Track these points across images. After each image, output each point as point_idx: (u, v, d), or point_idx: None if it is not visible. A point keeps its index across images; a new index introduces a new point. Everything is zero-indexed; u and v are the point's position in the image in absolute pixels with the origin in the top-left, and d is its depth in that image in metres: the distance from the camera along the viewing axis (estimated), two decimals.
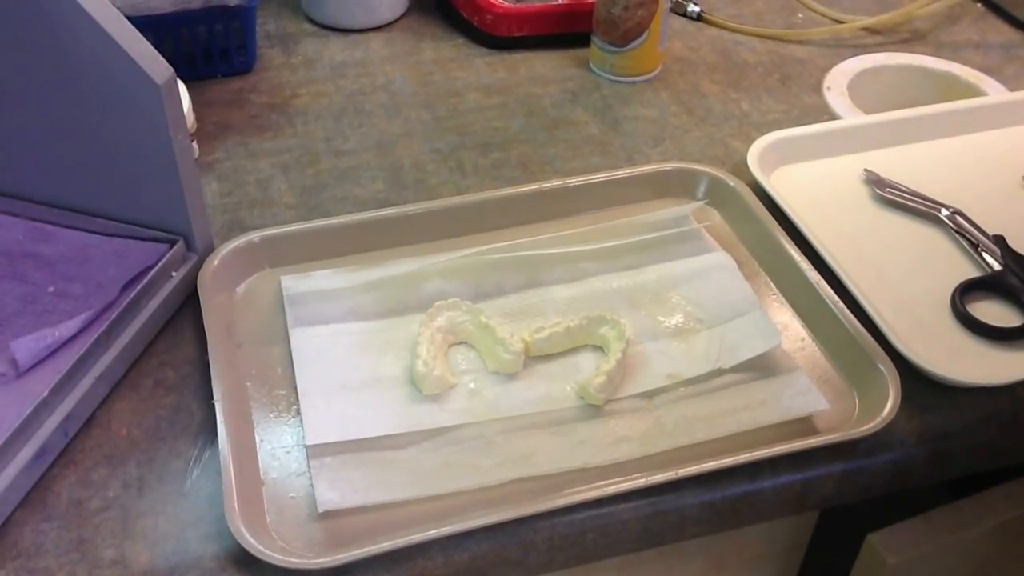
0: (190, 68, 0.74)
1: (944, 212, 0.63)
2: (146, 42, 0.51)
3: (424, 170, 0.68)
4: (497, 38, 0.80)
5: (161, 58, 0.51)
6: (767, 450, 0.49)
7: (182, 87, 0.68)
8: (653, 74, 0.78)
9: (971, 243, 0.61)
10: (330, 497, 0.46)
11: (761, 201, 0.62)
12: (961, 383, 0.53)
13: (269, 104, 0.73)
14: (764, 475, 0.50)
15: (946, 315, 0.57)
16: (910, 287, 0.59)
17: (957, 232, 0.62)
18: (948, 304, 0.58)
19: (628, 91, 0.76)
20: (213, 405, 0.50)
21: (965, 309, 0.57)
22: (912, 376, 0.53)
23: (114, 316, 0.52)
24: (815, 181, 0.67)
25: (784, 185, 0.65)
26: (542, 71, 0.78)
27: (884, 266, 0.60)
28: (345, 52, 0.79)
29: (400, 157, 0.69)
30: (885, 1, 0.88)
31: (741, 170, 0.67)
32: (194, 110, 0.70)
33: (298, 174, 0.67)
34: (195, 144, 0.68)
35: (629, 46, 0.75)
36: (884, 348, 0.53)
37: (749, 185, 0.64)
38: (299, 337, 0.54)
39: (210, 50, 0.74)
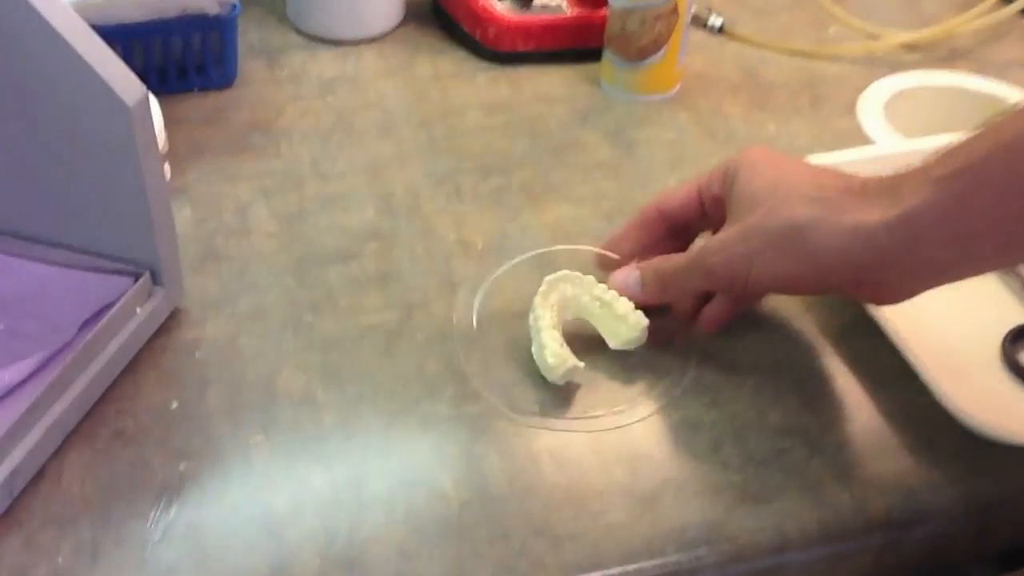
0: (162, 82, 0.73)
1: None
2: (116, 58, 0.49)
3: (418, 196, 0.66)
4: (499, 53, 0.78)
5: (133, 76, 0.49)
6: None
7: (154, 104, 0.67)
8: (671, 93, 0.76)
9: (1023, 283, 0.59)
10: None
11: None
12: (1012, 442, 0.51)
13: (250, 122, 0.72)
14: (792, 547, 0.47)
15: (995, 364, 0.55)
16: (953, 332, 0.57)
17: (1007, 271, 0.60)
18: (997, 352, 0.56)
19: (643, 111, 0.75)
20: (176, 460, 0.48)
21: (1016, 358, 0.55)
22: (957, 434, 0.51)
23: (70, 359, 0.51)
24: None
25: None
26: (548, 89, 0.77)
27: (924, 307, 0.57)
28: (335, 66, 0.78)
29: (392, 182, 0.67)
30: (925, 14, 0.87)
31: None
32: (166, 128, 0.68)
33: (280, 200, 0.65)
34: (166, 166, 0.67)
35: (645, 62, 0.74)
36: (924, 401, 0.51)
37: None
38: None
39: (185, 63, 0.73)
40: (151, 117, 0.50)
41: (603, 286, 0.56)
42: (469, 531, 0.47)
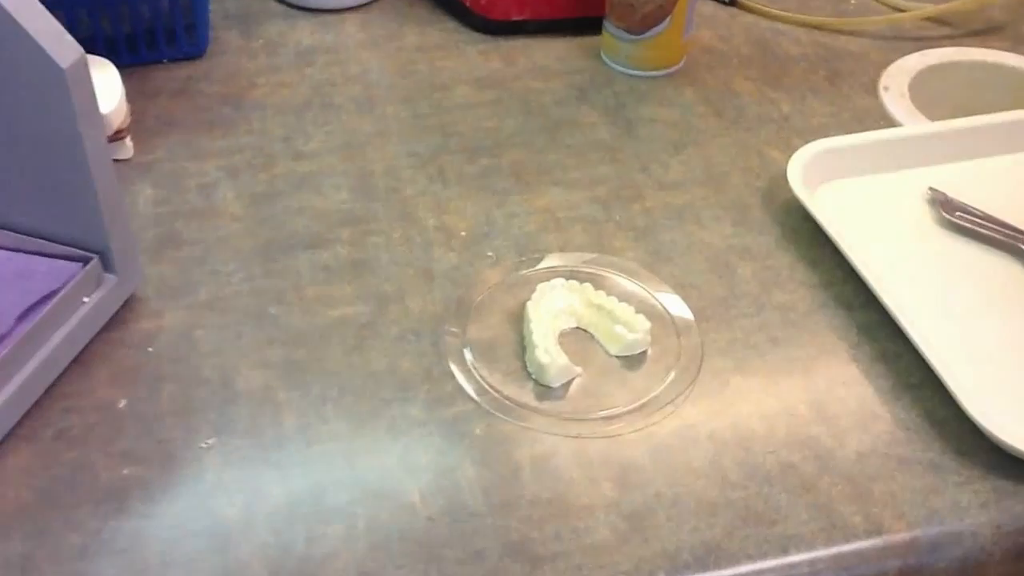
0: (132, 52, 0.69)
1: None
2: (50, 18, 0.45)
3: (398, 177, 0.62)
4: (492, 22, 0.74)
5: (68, 37, 0.46)
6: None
7: (114, 73, 0.63)
8: (676, 68, 0.72)
9: None
10: None
11: (803, 223, 0.56)
12: None
13: (221, 95, 0.68)
14: (798, 574, 0.43)
15: None
16: (983, 335, 0.53)
17: None
18: None
19: (646, 87, 0.70)
20: (121, 464, 0.44)
21: None
22: (987, 449, 0.47)
23: (7, 351, 0.47)
24: (869, 201, 0.61)
25: (831, 205, 0.59)
26: (544, 62, 0.72)
27: (951, 306, 0.55)
28: (314, 36, 0.74)
29: (370, 161, 0.63)
30: None
31: (779, 185, 0.60)
32: (133, 101, 0.65)
33: (248, 179, 0.62)
34: (129, 142, 0.63)
35: (648, 33, 0.69)
36: (949, 413, 0.47)
37: (788, 204, 0.58)
38: None
39: (155, 31, 0.69)
40: (90, 81, 0.46)
41: (602, 292, 0.53)
42: (437, 549, 0.43)
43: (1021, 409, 0.49)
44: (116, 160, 0.62)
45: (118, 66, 0.63)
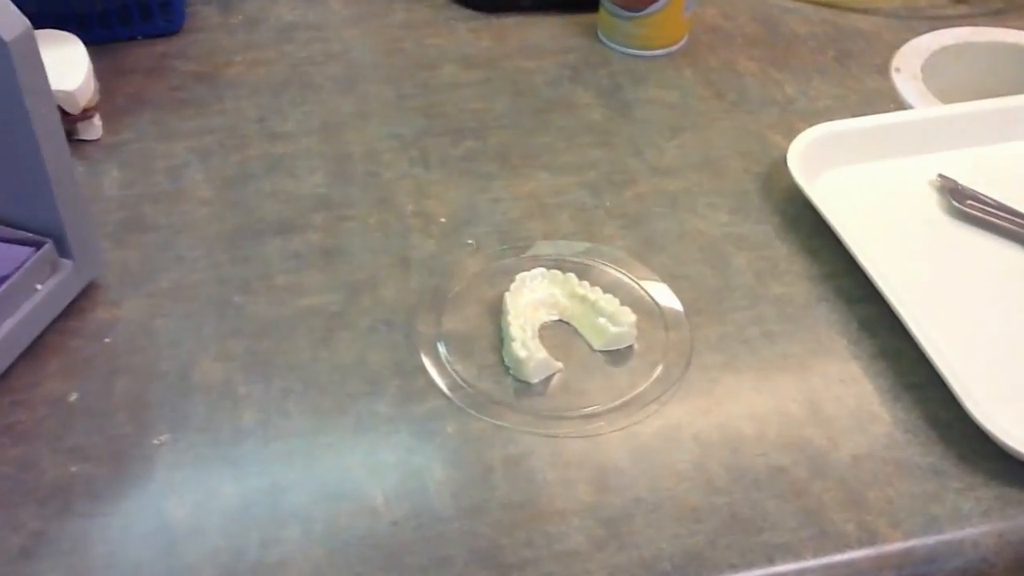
0: (105, 28, 0.67)
1: None
2: None
3: (378, 160, 0.60)
4: None
5: (14, 8, 0.44)
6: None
7: (81, 50, 0.61)
8: (676, 47, 0.69)
9: None
10: None
11: (804, 212, 0.53)
12: None
13: (195, 73, 0.66)
14: None
15: None
16: (992, 332, 0.51)
17: None
18: None
19: (644, 68, 0.68)
20: (69, 461, 0.42)
21: None
22: (991, 454, 0.45)
23: None
24: (874, 189, 0.58)
25: (834, 193, 0.57)
26: (538, 40, 0.70)
27: (959, 302, 0.52)
28: (296, 11, 0.72)
29: (349, 143, 0.61)
30: None
31: (779, 172, 0.58)
32: (103, 79, 0.63)
33: (220, 161, 0.59)
34: (97, 121, 0.61)
35: (647, 11, 0.67)
36: (952, 415, 0.45)
37: (789, 192, 0.55)
38: None
39: (129, 6, 0.67)
40: (38, 56, 0.44)
41: (585, 283, 0.51)
42: (399, 556, 0.41)
43: None
44: (84, 140, 0.61)
45: (91, 43, 0.61)
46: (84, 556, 0.41)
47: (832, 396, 0.48)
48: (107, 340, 0.50)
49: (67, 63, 0.60)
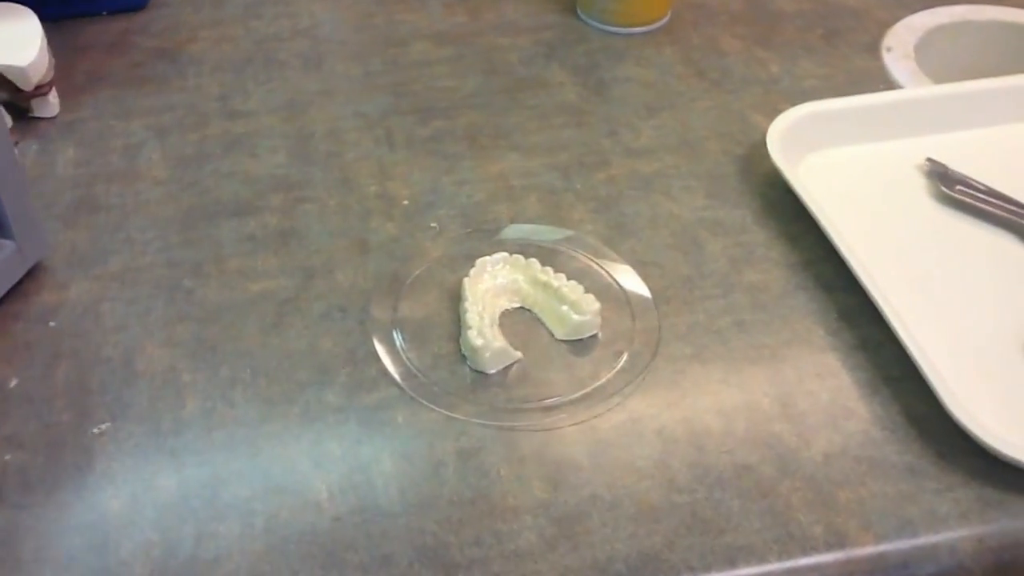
0: (66, 3, 0.66)
1: None
2: None
3: (340, 140, 0.58)
4: None
5: None
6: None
7: (35, 24, 0.59)
8: (658, 24, 0.67)
9: None
10: None
11: (784, 196, 0.51)
12: None
13: (158, 50, 0.64)
14: None
15: (1022, 366, 0.46)
16: (977, 324, 0.49)
17: None
18: None
19: (622, 45, 0.66)
20: (3, 450, 0.41)
21: None
22: (971, 452, 0.43)
23: None
24: (860, 172, 0.56)
25: (817, 177, 0.55)
26: (513, 16, 0.68)
27: (944, 292, 0.50)
28: None
29: (312, 122, 0.59)
30: None
31: (760, 154, 0.56)
32: (62, 55, 0.62)
33: (177, 140, 0.58)
34: (53, 98, 0.59)
35: None
36: (933, 411, 0.43)
37: (769, 175, 0.53)
38: None
39: None
40: None
41: (548, 269, 0.49)
42: (340, 553, 0.40)
43: (1011, 409, 0.45)
44: (39, 118, 0.59)
45: (53, 18, 0.60)
46: (14, 548, 0.40)
47: (805, 390, 0.46)
48: (51, 324, 0.48)
49: (20, 38, 0.58)
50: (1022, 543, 0.42)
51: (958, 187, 0.54)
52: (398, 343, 0.47)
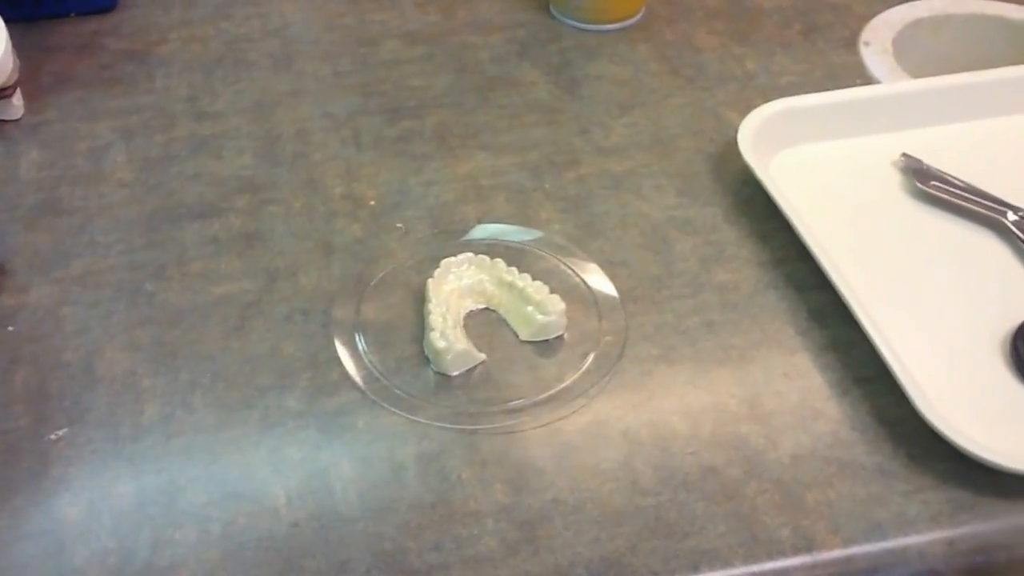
0: (36, 4, 0.66)
1: (1011, 216, 0.52)
2: None
3: (307, 141, 0.58)
4: None
5: None
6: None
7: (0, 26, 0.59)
8: (632, 20, 0.67)
9: None
10: None
11: (757, 194, 0.51)
12: (1016, 470, 0.41)
13: (127, 51, 0.64)
14: None
15: (999, 365, 0.46)
16: (952, 322, 0.48)
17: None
18: (1003, 349, 0.46)
19: (595, 43, 0.65)
20: None
21: None
22: (942, 454, 0.42)
23: None
24: (834, 169, 0.56)
25: (791, 174, 0.55)
26: (486, 15, 0.68)
27: (918, 290, 0.50)
28: None
29: (280, 123, 0.59)
30: None
31: (734, 151, 0.55)
32: (29, 57, 0.61)
33: (143, 142, 0.58)
34: (17, 100, 0.59)
35: None
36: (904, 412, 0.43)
37: (742, 173, 0.52)
38: None
39: None
40: None
41: (514, 269, 0.48)
42: (297, 559, 0.39)
43: (983, 410, 0.44)
44: (3, 120, 0.59)
45: (21, 19, 0.60)
46: None
47: (774, 391, 0.45)
48: (10, 328, 0.48)
49: None
50: (994, 546, 0.41)
51: (934, 183, 0.54)
52: (360, 346, 0.47)
